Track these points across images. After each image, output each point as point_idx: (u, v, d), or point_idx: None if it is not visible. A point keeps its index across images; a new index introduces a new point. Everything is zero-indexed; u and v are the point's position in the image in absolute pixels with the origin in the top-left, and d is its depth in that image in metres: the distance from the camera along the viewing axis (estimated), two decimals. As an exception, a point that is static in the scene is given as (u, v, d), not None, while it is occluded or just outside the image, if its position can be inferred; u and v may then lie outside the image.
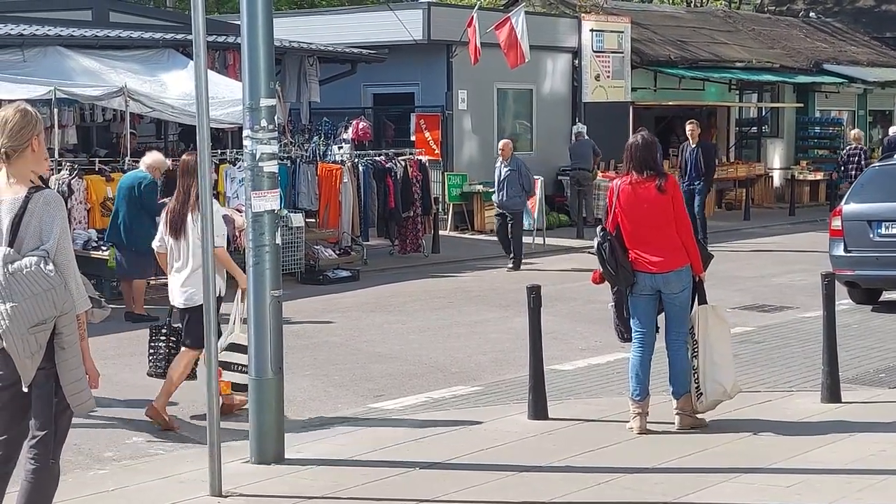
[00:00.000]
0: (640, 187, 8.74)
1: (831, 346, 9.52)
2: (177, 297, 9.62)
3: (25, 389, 5.56)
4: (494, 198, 19.92)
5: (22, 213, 5.61)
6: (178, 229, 9.52)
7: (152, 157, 14.73)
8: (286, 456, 8.10)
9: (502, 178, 19.18)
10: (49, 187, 5.94)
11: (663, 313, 8.86)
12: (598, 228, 8.90)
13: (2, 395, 5.65)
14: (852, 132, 27.97)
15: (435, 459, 8.10)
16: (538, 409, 9.17)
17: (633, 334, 8.87)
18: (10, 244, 5.59)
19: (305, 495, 7.35)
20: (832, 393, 9.50)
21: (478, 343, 12.94)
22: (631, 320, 8.84)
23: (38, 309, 5.53)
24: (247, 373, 8.45)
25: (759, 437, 8.56)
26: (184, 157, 9.66)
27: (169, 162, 14.99)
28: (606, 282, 8.90)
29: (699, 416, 8.84)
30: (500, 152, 19.64)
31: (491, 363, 11.88)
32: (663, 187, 8.72)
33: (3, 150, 5.65)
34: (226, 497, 7.31)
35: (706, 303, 8.89)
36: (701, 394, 8.78)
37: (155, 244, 9.77)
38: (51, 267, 5.58)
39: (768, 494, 7.24)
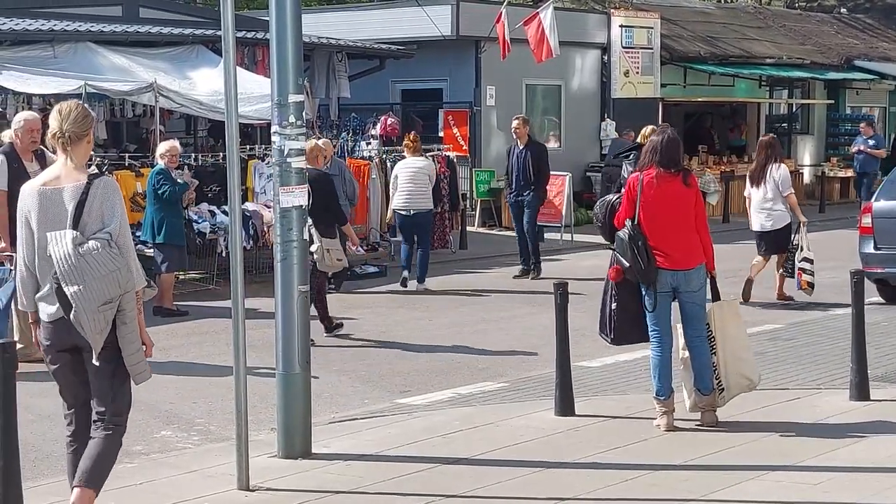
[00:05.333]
0: (665, 182, 8.69)
1: (860, 343, 9.48)
2: (756, 225, 15.19)
3: (96, 363, 6.12)
4: None
5: (84, 199, 6.11)
6: (756, 181, 14.98)
7: (165, 146, 14.71)
8: (313, 451, 8.12)
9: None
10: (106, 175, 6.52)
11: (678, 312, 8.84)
12: (628, 222, 8.75)
13: (65, 355, 6.27)
14: None
15: (461, 455, 8.11)
16: (565, 406, 9.16)
17: (650, 334, 8.81)
18: (74, 227, 6.08)
19: (332, 490, 7.38)
20: (861, 391, 9.47)
21: (505, 339, 12.94)
22: (647, 319, 8.80)
23: (107, 288, 6.04)
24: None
25: (787, 435, 8.53)
26: (761, 138, 12.56)
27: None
28: (606, 279, 8.87)
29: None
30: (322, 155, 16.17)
31: (518, 359, 11.88)
32: (689, 182, 8.72)
33: (67, 134, 6.20)
34: (253, 491, 7.35)
35: (720, 299, 8.91)
36: (723, 389, 8.78)
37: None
38: (115, 249, 6.11)
39: (796, 492, 7.22)
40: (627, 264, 8.63)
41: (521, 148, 17.70)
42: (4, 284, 11.31)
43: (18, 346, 10.89)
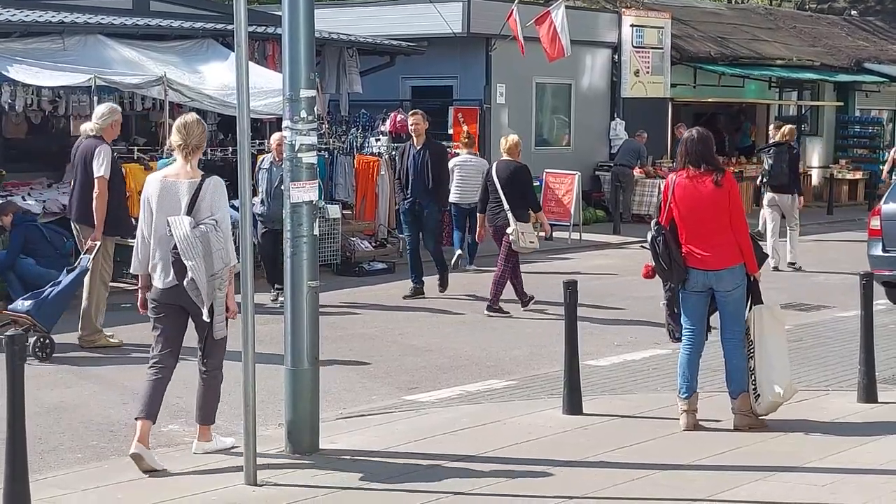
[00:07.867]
0: (696, 181, 8.64)
1: (868, 345, 9.48)
2: None
3: (206, 319, 7.66)
4: (260, 209, 14.47)
5: (198, 192, 7.67)
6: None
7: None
8: (320, 447, 8.13)
9: (277, 183, 13.94)
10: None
11: (717, 313, 8.78)
12: (653, 222, 8.79)
13: (169, 313, 7.83)
14: None
15: (468, 452, 8.11)
16: (573, 404, 9.17)
17: (682, 332, 8.80)
18: (188, 213, 7.60)
19: (339, 486, 7.38)
20: (868, 393, 9.47)
21: (513, 337, 12.94)
22: (681, 318, 8.79)
23: (214, 263, 7.56)
24: None
25: (795, 436, 8.53)
26: None
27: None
28: (657, 277, 8.82)
29: (760, 416, 8.77)
30: (273, 150, 14.55)
31: (526, 357, 11.88)
32: (720, 182, 8.61)
33: (191, 146, 7.81)
34: (260, 486, 7.36)
35: (762, 303, 8.81)
36: (758, 395, 8.73)
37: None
38: (220, 233, 7.61)
39: (803, 493, 7.22)
40: (652, 263, 8.69)
41: (417, 148, 15.40)
42: (76, 272, 11.54)
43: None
